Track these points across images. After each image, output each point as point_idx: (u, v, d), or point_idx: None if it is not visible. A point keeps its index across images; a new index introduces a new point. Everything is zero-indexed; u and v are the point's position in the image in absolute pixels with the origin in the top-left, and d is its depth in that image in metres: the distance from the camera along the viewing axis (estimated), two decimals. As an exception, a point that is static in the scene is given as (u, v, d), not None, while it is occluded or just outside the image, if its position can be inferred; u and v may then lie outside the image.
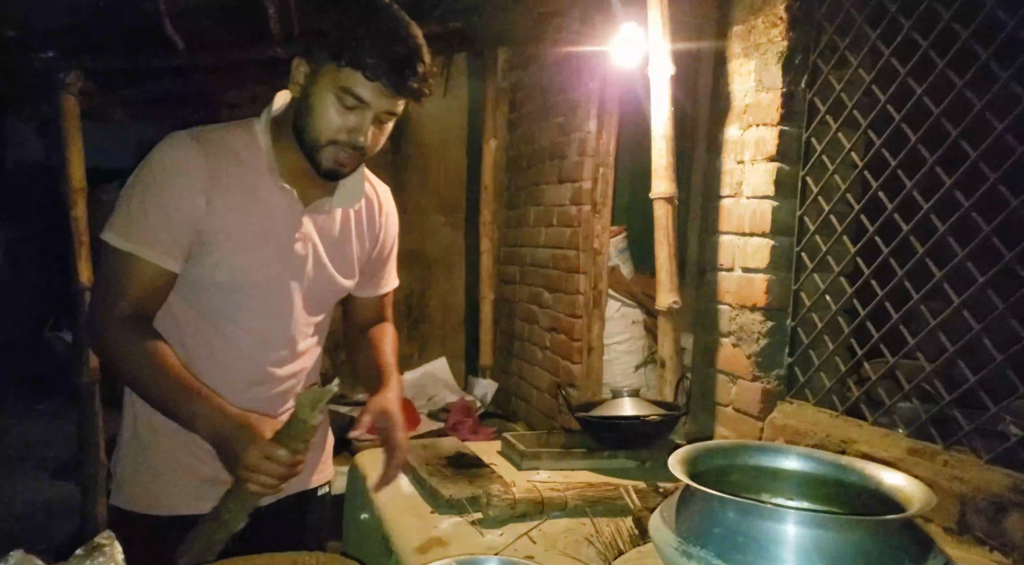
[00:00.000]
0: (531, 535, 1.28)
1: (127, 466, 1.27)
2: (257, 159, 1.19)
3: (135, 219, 1.12)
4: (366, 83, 1.09)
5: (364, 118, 1.12)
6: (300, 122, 1.15)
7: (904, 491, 0.86)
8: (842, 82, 1.65)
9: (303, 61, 1.14)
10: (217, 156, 1.15)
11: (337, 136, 1.13)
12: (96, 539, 0.72)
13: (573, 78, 2.83)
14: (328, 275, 1.28)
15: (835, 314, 1.67)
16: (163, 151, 1.14)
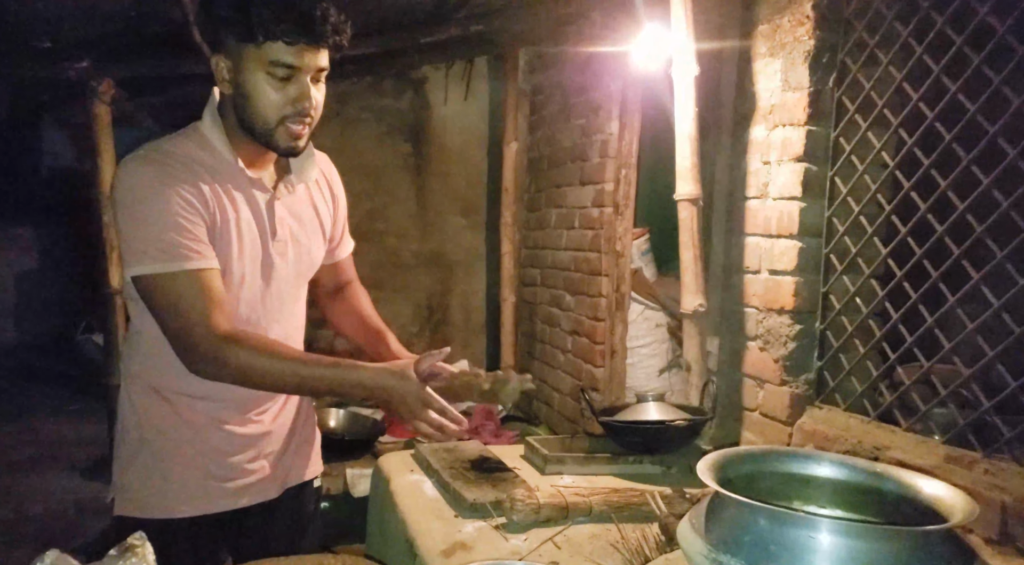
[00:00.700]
0: (556, 540, 1.26)
1: (135, 473, 1.26)
2: (216, 159, 1.19)
3: (148, 242, 1.11)
4: (288, 49, 1.10)
5: (302, 84, 1.13)
6: (244, 114, 1.16)
7: (944, 501, 0.83)
8: (872, 80, 1.61)
9: (220, 57, 1.14)
10: (180, 164, 1.15)
11: (284, 111, 1.14)
12: (129, 540, 0.73)
13: (595, 79, 2.82)
14: (307, 250, 1.32)
15: (866, 317, 1.64)
16: (130, 175, 1.13)
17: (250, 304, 1.25)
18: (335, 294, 1.52)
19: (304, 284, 1.37)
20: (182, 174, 1.14)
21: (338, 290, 1.52)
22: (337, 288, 1.52)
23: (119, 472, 1.28)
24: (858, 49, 1.65)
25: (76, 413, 4.48)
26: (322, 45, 1.12)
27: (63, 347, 5.53)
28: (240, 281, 1.22)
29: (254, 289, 1.25)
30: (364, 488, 1.85)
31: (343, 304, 1.51)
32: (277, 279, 1.27)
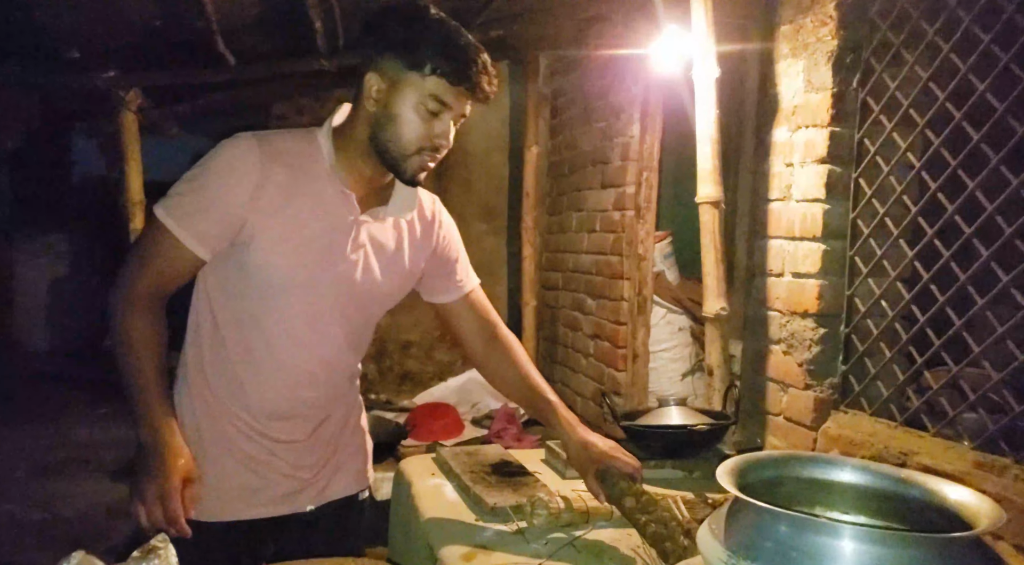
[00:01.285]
0: (576, 545, 1.26)
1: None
2: (316, 164, 1.21)
3: (181, 200, 1.17)
4: (449, 89, 1.14)
5: (446, 123, 1.17)
6: (382, 135, 1.17)
7: (971, 507, 0.81)
8: (897, 80, 1.59)
9: (375, 75, 1.16)
10: (273, 159, 1.18)
11: (423, 143, 1.17)
12: (152, 542, 0.74)
13: (615, 82, 2.81)
14: (375, 283, 1.29)
15: (892, 320, 1.61)
16: (224, 147, 1.19)
17: (297, 312, 1.23)
18: (483, 345, 1.43)
19: (364, 315, 1.33)
20: (261, 168, 1.17)
21: (485, 339, 1.43)
22: (482, 335, 1.43)
23: None
24: (883, 49, 1.63)
25: (105, 417, 4.58)
26: (479, 96, 1.17)
27: (93, 352, 5.65)
28: (295, 287, 1.21)
29: (306, 299, 1.23)
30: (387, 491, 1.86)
31: (496, 356, 1.42)
32: (334, 298, 1.25)
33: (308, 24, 2.29)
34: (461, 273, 1.43)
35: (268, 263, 1.19)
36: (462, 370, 3.66)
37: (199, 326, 1.26)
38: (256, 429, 1.26)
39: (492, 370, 1.44)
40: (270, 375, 1.24)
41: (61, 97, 4.15)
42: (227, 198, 1.16)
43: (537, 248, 3.56)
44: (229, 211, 1.16)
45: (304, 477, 1.32)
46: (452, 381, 3.50)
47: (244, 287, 1.21)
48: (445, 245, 1.40)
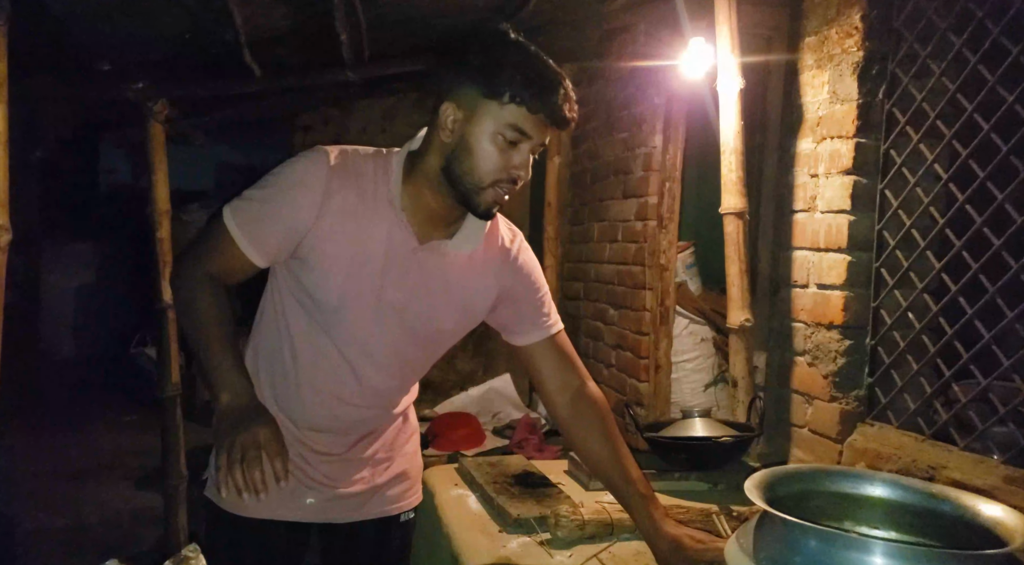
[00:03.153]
0: (601, 557, 1.26)
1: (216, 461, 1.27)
2: (383, 190, 1.19)
3: (247, 206, 1.18)
4: (529, 117, 1.09)
5: (524, 153, 1.12)
6: (457, 166, 1.13)
7: (1005, 524, 0.81)
8: (924, 91, 1.58)
9: (453, 106, 1.12)
10: (343, 179, 1.17)
11: (499, 175, 1.12)
12: (183, 552, 0.75)
13: (638, 93, 2.82)
14: (429, 316, 1.25)
15: (919, 332, 1.60)
16: (300, 160, 1.19)
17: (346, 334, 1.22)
18: (568, 401, 1.32)
19: (420, 349, 1.29)
20: (331, 188, 1.16)
21: (570, 394, 1.32)
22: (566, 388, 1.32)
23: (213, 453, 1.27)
24: (909, 60, 1.63)
25: (131, 425, 4.64)
26: (560, 124, 1.12)
27: (119, 360, 5.73)
28: (343, 308, 1.20)
29: (354, 322, 1.21)
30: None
31: (581, 422, 1.30)
32: (383, 325, 1.22)
33: (334, 37, 2.33)
34: (540, 315, 1.33)
35: (320, 281, 1.19)
36: (483, 379, 3.67)
37: (263, 316, 1.29)
38: (294, 435, 1.26)
39: (577, 437, 1.32)
40: (312, 388, 1.25)
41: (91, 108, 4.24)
42: (289, 213, 1.16)
43: (559, 258, 3.57)
44: (289, 226, 1.16)
45: (339, 490, 1.31)
46: (473, 390, 3.51)
47: (301, 297, 1.22)
48: (522, 284, 1.31)
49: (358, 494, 1.33)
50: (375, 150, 1.24)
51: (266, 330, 1.28)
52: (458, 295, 1.26)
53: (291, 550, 1.33)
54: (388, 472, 1.37)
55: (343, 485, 1.31)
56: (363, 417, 1.30)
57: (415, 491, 1.43)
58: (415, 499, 1.43)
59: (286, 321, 1.25)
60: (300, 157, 1.20)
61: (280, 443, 1.04)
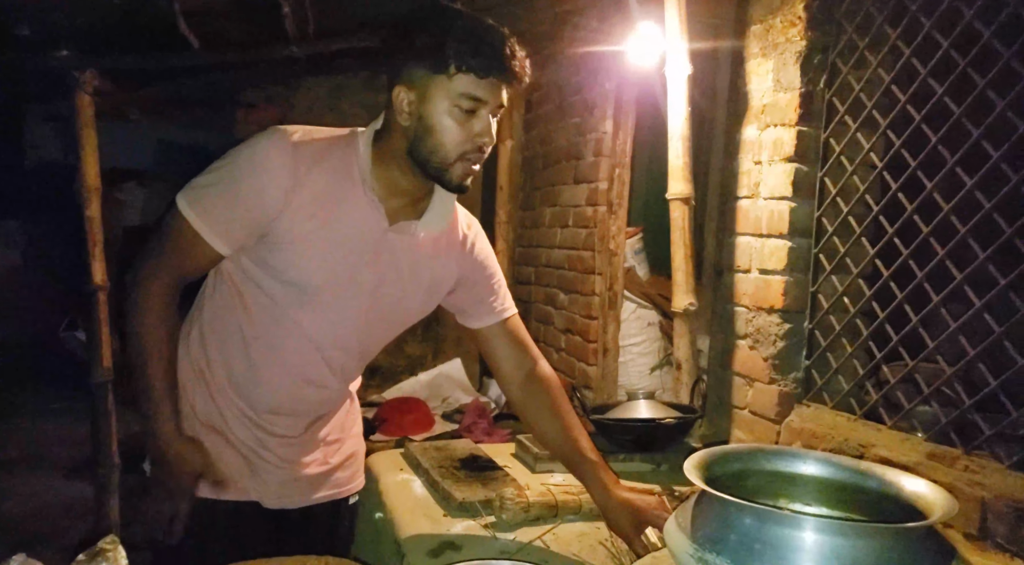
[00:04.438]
0: (545, 539, 1.27)
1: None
2: (351, 171, 1.17)
3: (207, 194, 1.14)
4: (479, 82, 1.08)
5: (484, 119, 1.12)
6: (422, 147, 1.13)
7: (926, 498, 0.84)
8: (861, 82, 1.63)
9: (403, 88, 1.11)
10: (309, 163, 1.14)
11: (464, 147, 1.12)
12: (99, 544, 0.72)
13: (590, 78, 2.82)
14: (397, 297, 1.26)
15: (853, 316, 1.65)
16: (260, 143, 1.14)
17: (315, 316, 1.21)
18: (521, 381, 1.36)
19: (381, 328, 1.30)
20: (296, 171, 1.13)
21: (523, 375, 1.36)
22: (519, 369, 1.37)
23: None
24: (848, 51, 1.67)
25: (59, 412, 4.44)
26: (512, 81, 1.12)
27: (47, 344, 5.48)
28: (315, 291, 1.19)
29: (325, 304, 1.20)
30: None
31: (534, 400, 1.35)
32: (355, 306, 1.22)
33: (277, 9, 2.25)
34: (495, 299, 1.37)
35: (291, 265, 1.17)
36: (433, 364, 3.65)
37: (213, 301, 1.25)
38: (251, 419, 1.25)
39: (530, 414, 1.36)
40: (275, 370, 1.23)
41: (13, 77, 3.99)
42: (255, 199, 1.13)
43: (510, 243, 3.57)
44: (256, 211, 1.13)
45: (296, 473, 1.30)
46: (423, 375, 3.49)
47: (266, 282, 1.19)
48: (478, 268, 1.34)
49: (313, 476, 1.33)
50: (336, 131, 1.21)
51: (218, 314, 1.24)
52: (425, 276, 1.28)
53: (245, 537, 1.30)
54: (339, 453, 1.38)
55: (299, 467, 1.31)
56: (325, 397, 1.30)
57: (361, 474, 1.45)
58: (361, 482, 1.44)
59: (244, 304, 1.21)
60: (260, 139, 1.15)
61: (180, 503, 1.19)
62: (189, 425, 1.23)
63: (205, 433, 1.24)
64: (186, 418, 1.23)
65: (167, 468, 1.18)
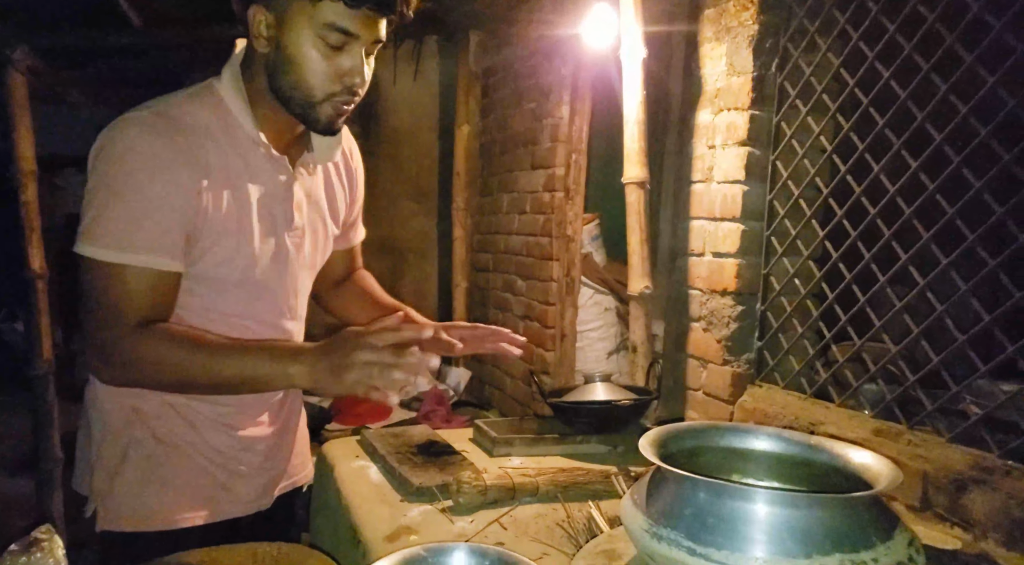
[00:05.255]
0: (502, 521, 1.27)
1: (125, 482, 1.12)
2: (234, 129, 1.04)
3: (118, 224, 0.95)
4: (348, 13, 0.94)
5: (356, 56, 0.98)
6: (283, 80, 1.00)
7: (871, 469, 0.86)
8: (812, 66, 1.65)
9: (261, 9, 0.97)
10: (190, 135, 1.00)
11: (332, 87, 0.99)
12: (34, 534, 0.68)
13: (545, 63, 2.81)
14: (322, 239, 1.22)
15: (804, 298, 1.69)
16: (128, 139, 0.96)
17: (264, 300, 1.14)
18: (341, 281, 1.40)
19: (316, 270, 1.26)
20: (187, 150, 0.98)
21: (346, 277, 1.41)
22: (346, 276, 1.41)
23: (103, 481, 1.12)
24: (799, 35, 1.69)
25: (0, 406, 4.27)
26: (387, 13, 0.97)
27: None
28: (253, 273, 1.09)
29: (266, 283, 1.12)
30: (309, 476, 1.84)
31: (351, 287, 1.40)
32: (292, 272, 1.15)
33: (224, -11, 2.17)
34: (359, 222, 1.38)
35: (216, 251, 1.04)
36: (390, 352, 3.61)
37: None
38: (222, 421, 1.16)
39: (339, 300, 1.39)
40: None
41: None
42: (171, 199, 0.97)
43: (468, 229, 3.54)
44: (180, 211, 0.98)
45: (277, 468, 1.27)
46: (379, 363, 3.45)
47: (196, 276, 1.06)
48: (358, 191, 1.31)
49: (280, 472, 1.30)
50: (189, 92, 1.05)
51: None
52: (335, 206, 1.25)
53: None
54: (298, 439, 1.36)
55: (280, 461, 1.28)
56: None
57: (310, 461, 1.44)
58: (311, 469, 1.43)
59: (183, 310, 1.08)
60: (117, 136, 0.97)
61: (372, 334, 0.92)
62: (150, 452, 1.12)
63: (170, 455, 1.14)
64: (143, 445, 1.12)
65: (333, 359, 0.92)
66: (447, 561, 0.88)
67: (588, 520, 1.22)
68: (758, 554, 0.75)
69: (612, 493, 1.34)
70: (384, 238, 3.80)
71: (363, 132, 3.72)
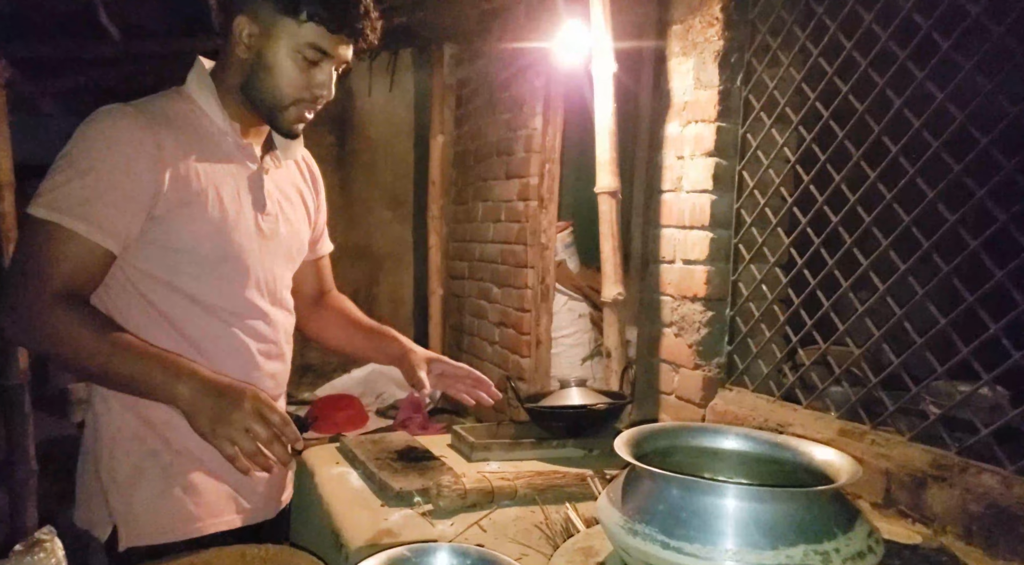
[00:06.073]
0: (481, 524, 1.30)
1: (144, 497, 1.13)
2: (202, 119, 1.13)
3: (67, 191, 1.00)
4: (328, 36, 1.08)
5: (326, 72, 1.11)
6: (257, 84, 1.11)
7: (833, 465, 0.91)
8: (775, 80, 1.72)
9: (247, 20, 1.08)
10: (163, 125, 1.08)
11: (301, 94, 1.11)
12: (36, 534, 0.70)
13: (519, 75, 2.86)
14: (296, 230, 1.27)
15: (771, 303, 1.75)
16: (100, 121, 1.04)
17: (242, 283, 1.16)
18: (316, 302, 1.43)
19: (293, 270, 1.30)
20: (153, 134, 1.05)
21: (319, 297, 1.45)
22: (319, 295, 1.45)
23: (120, 501, 1.13)
24: (762, 50, 1.76)
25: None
26: (359, 41, 1.12)
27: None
28: (227, 255, 1.13)
29: (240, 258, 1.15)
30: (289, 484, 1.85)
31: (327, 310, 1.44)
32: (269, 258, 1.20)
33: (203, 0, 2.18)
34: (325, 234, 1.43)
35: (192, 238, 1.09)
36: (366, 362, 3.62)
37: (126, 322, 1.09)
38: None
39: (321, 323, 1.44)
40: (230, 354, 1.17)
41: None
42: (127, 177, 1.03)
43: (443, 237, 3.57)
44: (134, 191, 1.03)
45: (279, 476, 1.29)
46: (356, 372, 3.45)
47: (174, 267, 1.10)
48: (321, 190, 1.38)
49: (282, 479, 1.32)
50: (157, 94, 1.14)
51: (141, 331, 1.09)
52: (302, 204, 1.30)
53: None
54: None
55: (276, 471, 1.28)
56: (281, 367, 1.28)
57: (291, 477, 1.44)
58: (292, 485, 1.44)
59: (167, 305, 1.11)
60: (98, 120, 1.04)
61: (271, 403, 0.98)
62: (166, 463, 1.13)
63: (185, 464, 1.15)
64: (159, 457, 1.13)
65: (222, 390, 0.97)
66: (430, 561, 0.90)
67: (565, 521, 1.25)
68: (728, 546, 0.79)
69: (588, 495, 1.37)
70: (360, 245, 3.81)
71: (339, 142, 3.73)
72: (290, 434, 0.97)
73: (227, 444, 0.95)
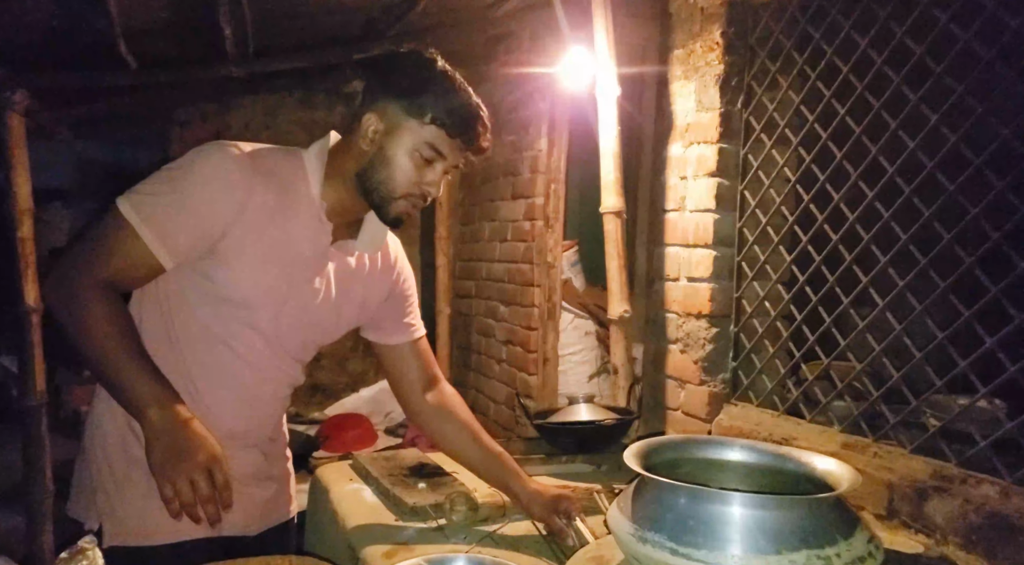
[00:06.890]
0: (494, 537, 1.33)
1: (129, 498, 1.18)
2: (301, 187, 1.20)
3: (153, 199, 1.10)
4: (447, 140, 1.16)
5: (438, 172, 1.19)
6: (373, 175, 1.17)
7: (834, 474, 0.95)
8: (774, 103, 1.77)
9: (376, 117, 1.16)
10: (262, 174, 1.15)
11: (413, 189, 1.18)
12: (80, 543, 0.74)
13: (525, 98, 2.93)
14: (332, 313, 1.29)
15: (774, 320, 1.78)
16: (212, 154, 1.13)
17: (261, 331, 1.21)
18: (427, 393, 1.43)
19: (316, 343, 1.33)
20: (255, 181, 1.13)
21: (429, 386, 1.44)
22: (427, 384, 1.44)
23: (106, 501, 1.19)
24: (762, 74, 1.81)
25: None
26: (476, 151, 1.20)
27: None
28: (261, 307, 1.19)
29: (271, 319, 1.21)
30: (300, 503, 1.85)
31: (445, 418, 1.42)
32: (297, 321, 1.24)
33: (217, 30, 2.26)
34: (412, 318, 1.44)
35: (239, 280, 1.16)
36: (375, 380, 3.65)
37: (143, 332, 1.16)
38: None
39: (438, 427, 1.43)
40: (229, 392, 1.22)
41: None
42: (208, 210, 1.11)
43: (450, 257, 3.62)
44: (207, 224, 1.12)
45: (263, 496, 1.32)
46: (364, 392, 3.49)
47: (208, 299, 1.17)
48: (403, 288, 1.41)
49: (272, 499, 1.34)
50: (278, 148, 1.24)
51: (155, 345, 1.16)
52: (358, 293, 1.32)
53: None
54: (284, 472, 1.39)
55: (264, 489, 1.32)
56: (274, 413, 1.32)
57: (295, 490, 1.46)
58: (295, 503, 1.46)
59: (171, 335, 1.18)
60: (209, 151, 1.14)
61: (224, 464, 1.02)
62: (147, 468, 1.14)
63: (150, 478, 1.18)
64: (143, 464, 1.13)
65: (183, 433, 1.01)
66: (448, 570, 0.93)
67: (576, 533, 1.28)
68: (734, 552, 0.82)
69: (598, 509, 1.40)
70: (368, 267, 3.85)
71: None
72: (226, 498, 1.01)
73: (168, 486, 0.98)
